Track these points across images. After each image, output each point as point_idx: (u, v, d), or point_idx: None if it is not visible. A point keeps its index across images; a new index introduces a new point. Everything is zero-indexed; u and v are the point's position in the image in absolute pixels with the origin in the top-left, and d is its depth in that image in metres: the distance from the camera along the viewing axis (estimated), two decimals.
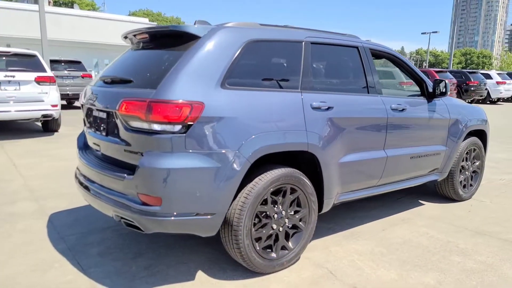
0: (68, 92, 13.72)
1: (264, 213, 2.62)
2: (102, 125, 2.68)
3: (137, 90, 2.39)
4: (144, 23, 32.77)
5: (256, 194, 2.50)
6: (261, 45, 2.68)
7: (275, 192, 2.64)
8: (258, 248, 2.60)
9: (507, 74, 22.47)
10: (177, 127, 2.26)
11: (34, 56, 8.37)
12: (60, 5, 48.61)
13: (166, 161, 2.25)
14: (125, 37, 3.12)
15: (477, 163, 4.52)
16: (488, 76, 20.88)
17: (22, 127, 9.45)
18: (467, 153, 4.31)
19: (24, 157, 6.25)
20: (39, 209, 3.95)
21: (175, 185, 2.27)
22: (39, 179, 5.00)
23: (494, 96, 20.77)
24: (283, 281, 2.63)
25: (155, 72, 2.43)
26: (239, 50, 2.54)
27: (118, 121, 2.48)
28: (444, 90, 3.72)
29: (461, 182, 4.32)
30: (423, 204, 4.27)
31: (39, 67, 8.18)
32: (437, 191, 4.41)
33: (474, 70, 22.31)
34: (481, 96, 19.90)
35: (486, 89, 20.08)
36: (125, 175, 2.39)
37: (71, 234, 3.35)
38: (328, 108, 2.86)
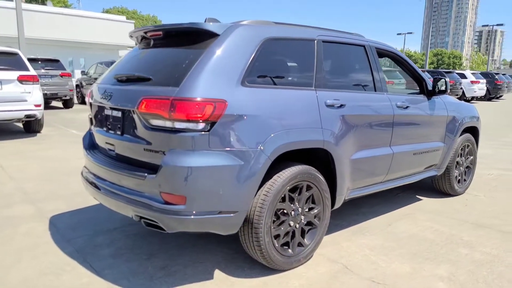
0: (45, 92, 13.28)
1: (282, 210, 2.64)
2: (117, 124, 2.63)
3: (158, 88, 2.35)
4: (121, 21, 32.09)
5: (276, 191, 2.51)
6: (277, 43, 2.70)
7: (292, 189, 2.66)
8: (277, 245, 2.61)
9: (480, 74, 23.29)
10: (201, 125, 2.24)
11: (15, 54, 8.09)
12: (30, 2, 46.95)
13: (190, 159, 2.24)
14: (130, 36, 3.08)
15: (470, 159, 4.68)
16: (463, 76, 21.58)
17: (3, 128, 9.14)
18: (461, 149, 4.45)
19: (11, 159, 6.04)
20: (38, 212, 3.84)
21: (199, 184, 2.26)
22: (32, 181, 4.85)
23: (468, 95, 21.46)
24: (301, 277, 2.65)
25: (175, 70, 2.40)
26: (257, 48, 2.55)
27: (136, 120, 2.44)
28: (443, 88, 3.83)
29: (456, 177, 4.46)
30: (421, 199, 4.39)
31: (22, 66, 7.91)
32: (434, 186, 4.54)
33: (450, 70, 23.00)
34: (457, 95, 20.52)
35: (461, 88, 20.73)
36: (146, 174, 2.35)
37: (77, 236, 3.27)
38: (341, 106, 2.90)
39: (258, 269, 2.74)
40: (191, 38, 2.57)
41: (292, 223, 2.69)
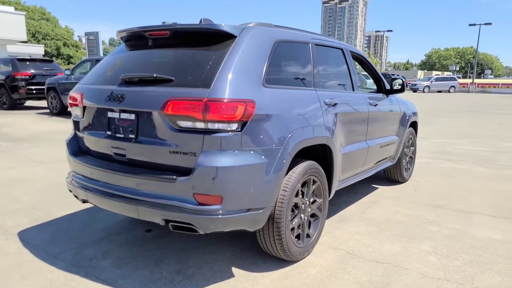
0: None
1: (295, 204, 2.78)
2: (129, 127, 2.52)
3: (185, 90, 2.32)
4: (9, 12, 28.65)
5: (292, 186, 2.64)
6: (284, 45, 2.82)
7: (302, 184, 2.82)
8: (292, 237, 2.75)
9: (381, 74, 25.89)
10: (234, 126, 2.28)
11: None
12: None
13: (225, 159, 2.26)
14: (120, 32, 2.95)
15: (412, 149, 5.31)
16: (367, 76, 23.79)
17: None
18: (407, 141, 5.04)
19: None
20: None
21: (235, 183, 2.30)
22: None
23: None
24: (315, 265, 2.83)
25: (200, 71, 2.39)
26: (271, 50, 2.65)
27: (158, 122, 2.38)
28: (399, 87, 4.31)
29: (404, 166, 5.03)
30: (378, 188, 4.87)
31: None
32: (385, 176, 5.06)
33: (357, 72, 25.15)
34: None
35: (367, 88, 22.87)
36: (175, 177, 2.31)
37: (62, 251, 3.02)
38: (335, 104, 3.14)
39: (271, 262, 2.85)
40: (205, 38, 2.57)
41: (302, 216, 2.85)
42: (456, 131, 10.30)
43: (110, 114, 2.63)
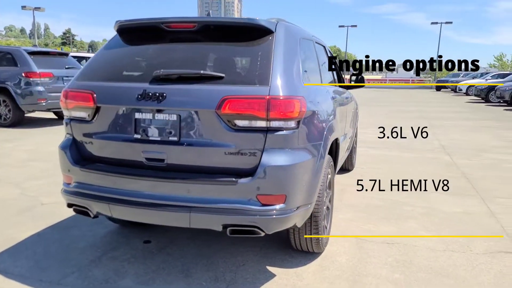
0: None
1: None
2: (168, 129, 2.28)
3: (241, 87, 2.19)
4: None
5: (325, 180, 2.72)
6: (303, 42, 2.86)
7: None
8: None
9: None
10: (292, 123, 2.26)
11: None
12: None
13: (287, 157, 2.23)
14: (121, 24, 2.64)
15: (355, 139, 5.81)
16: None
17: None
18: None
19: None
20: None
21: (296, 180, 2.28)
22: None
23: None
24: (339, 253, 2.96)
25: (250, 67, 2.30)
26: (299, 46, 2.67)
27: (210, 122, 2.21)
28: (359, 82, 4.67)
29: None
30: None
31: None
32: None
33: None
34: None
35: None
36: (234, 179, 2.19)
37: (62, 276, 2.60)
38: (335, 99, 3.30)
39: (298, 257, 2.88)
40: (240, 33, 2.45)
41: (324, 208, 2.95)
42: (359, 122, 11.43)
43: (138, 115, 2.34)
